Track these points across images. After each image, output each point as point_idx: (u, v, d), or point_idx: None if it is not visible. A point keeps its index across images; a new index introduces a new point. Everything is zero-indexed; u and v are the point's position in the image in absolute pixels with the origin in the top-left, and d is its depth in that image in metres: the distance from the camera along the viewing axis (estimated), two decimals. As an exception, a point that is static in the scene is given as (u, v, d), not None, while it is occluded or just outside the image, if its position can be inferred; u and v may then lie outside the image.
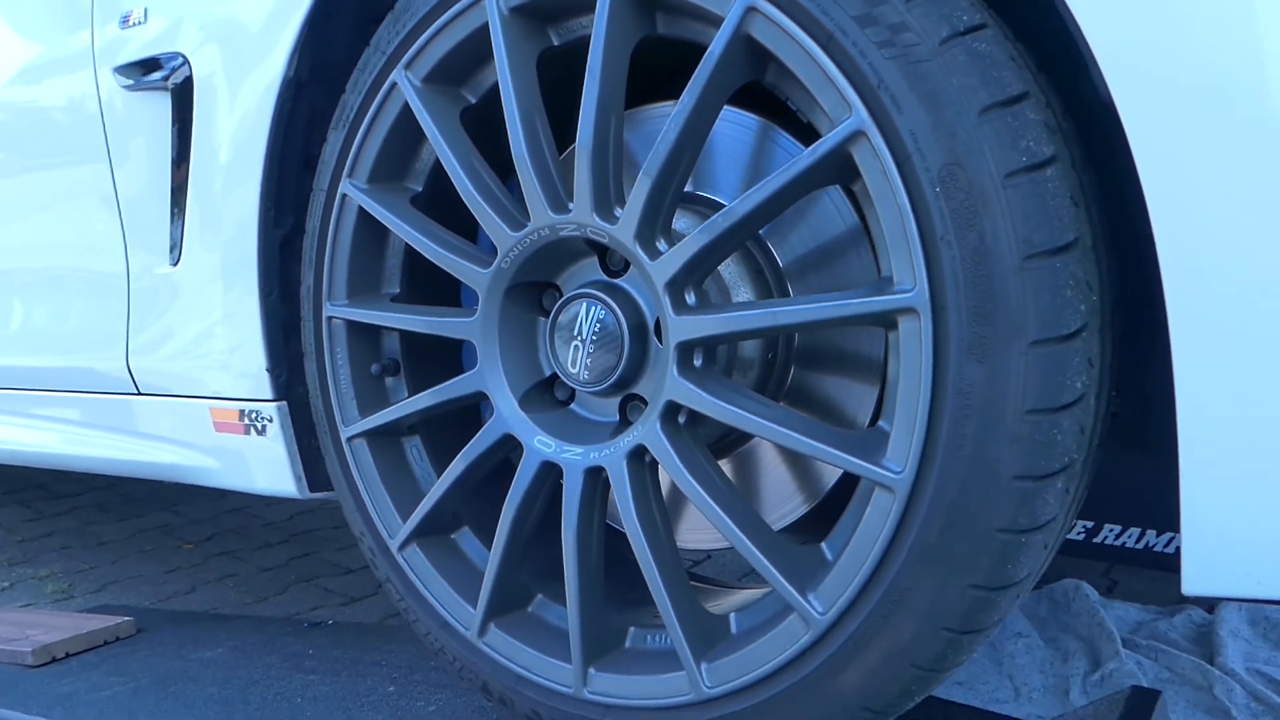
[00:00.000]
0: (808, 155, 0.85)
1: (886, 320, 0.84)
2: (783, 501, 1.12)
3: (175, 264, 1.41)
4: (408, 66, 1.11)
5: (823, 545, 0.93)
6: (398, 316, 1.16)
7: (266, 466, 1.38)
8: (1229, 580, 0.79)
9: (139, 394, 1.53)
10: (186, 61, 1.33)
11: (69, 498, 3.10)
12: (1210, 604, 2.22)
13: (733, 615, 1.00)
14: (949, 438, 0.81)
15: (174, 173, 1.38)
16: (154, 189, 1.42)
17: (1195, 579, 0.80)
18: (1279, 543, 0.76)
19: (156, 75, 1.36)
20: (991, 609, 0.85)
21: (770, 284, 1.08)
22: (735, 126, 1.09)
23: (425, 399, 1.14)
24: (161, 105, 1.37)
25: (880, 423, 0.89)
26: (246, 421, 1.38)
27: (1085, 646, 2.18)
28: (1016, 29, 0.85)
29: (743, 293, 1.07)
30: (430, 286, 1.24)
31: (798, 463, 1.11)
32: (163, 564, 2.62)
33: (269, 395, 1.35)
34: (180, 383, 1.46)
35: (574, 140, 0.97)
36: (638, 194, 0.95)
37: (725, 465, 1.13)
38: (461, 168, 1.07)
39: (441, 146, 1.08)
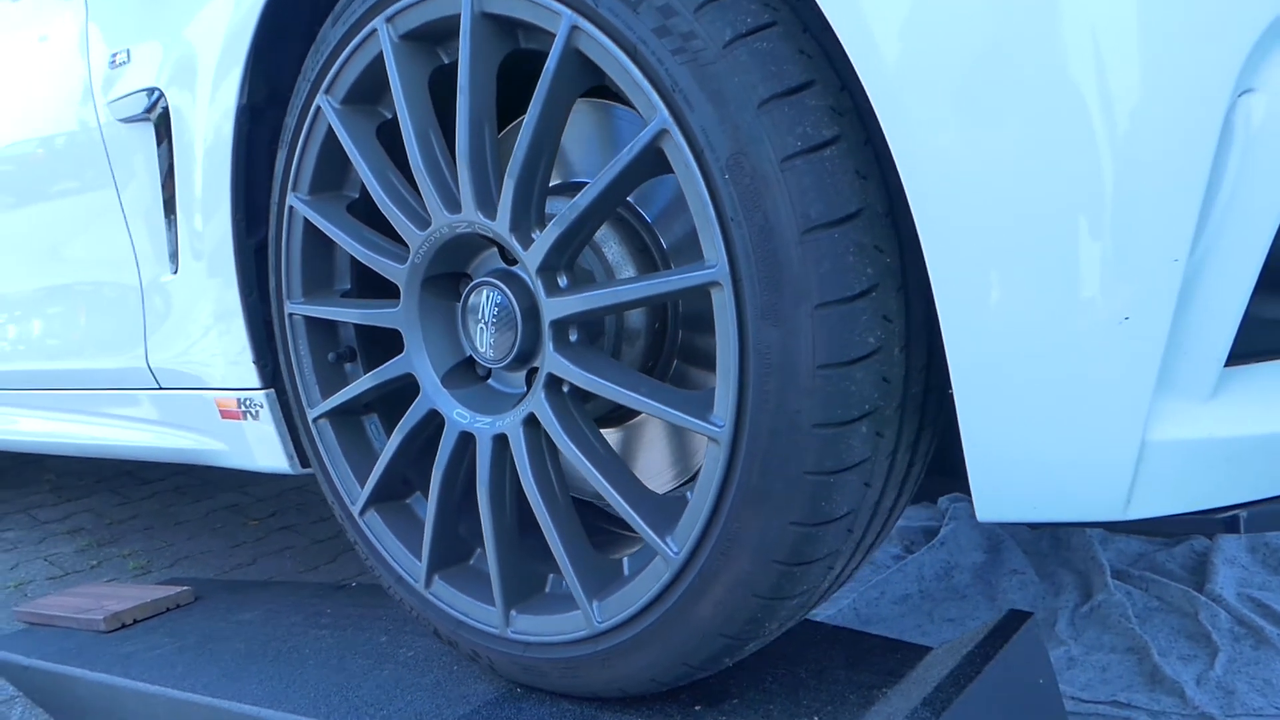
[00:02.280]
0: (626, 153, 0.96)
1: (702, 293, 0.95)
2: (676, 462, 1.24)
3: (175, 272, 1.60)
4: (327, 91, 1.25)
5: (687, 493, 1.05)
6: (338, 310, 1.31)
7: (263, 447, 1.57)
8: (1014, 506, 0.89)
9: (160, 389, 1.74)
10: (163, 95, 1.51)
11: (153, 482, 3.41)
12: (1211, 532, 2.26)
13: (625, 559, 1.13)
14: (755, 394, 0.92)
15: (164, 193, 1.56)
16: (153, 208, 1.61)
17: (985, 506, 0.89)
18: (1049, 464, 0.85)
19: (141, 109, 1.54)
20: (816, 542, 0.96)
21: (656, 262, 1.20)
22: (615, 119, 1.20)
23: (365, 382, 1.30)
24: (149, 135, 1.56)
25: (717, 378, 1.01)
26: (243, 409, 1.57)
27: (1078, 580, 2.24)
28: (814, 22, 0.94)
29: (628, 271, 1.19)
30: (379, 282, 1.40)
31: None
32: (230, 539, 2.89)
33: (258, 384, 1.53)
34: (191, 377, 1.66)
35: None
36: (505, 194, 1.07)
37: (622, 433, 1.25)
38: (375, 177, 1.21)
39: (357, 159, 1.23)
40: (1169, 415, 0.82)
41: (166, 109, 1.51)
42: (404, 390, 1.33)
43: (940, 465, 1.10)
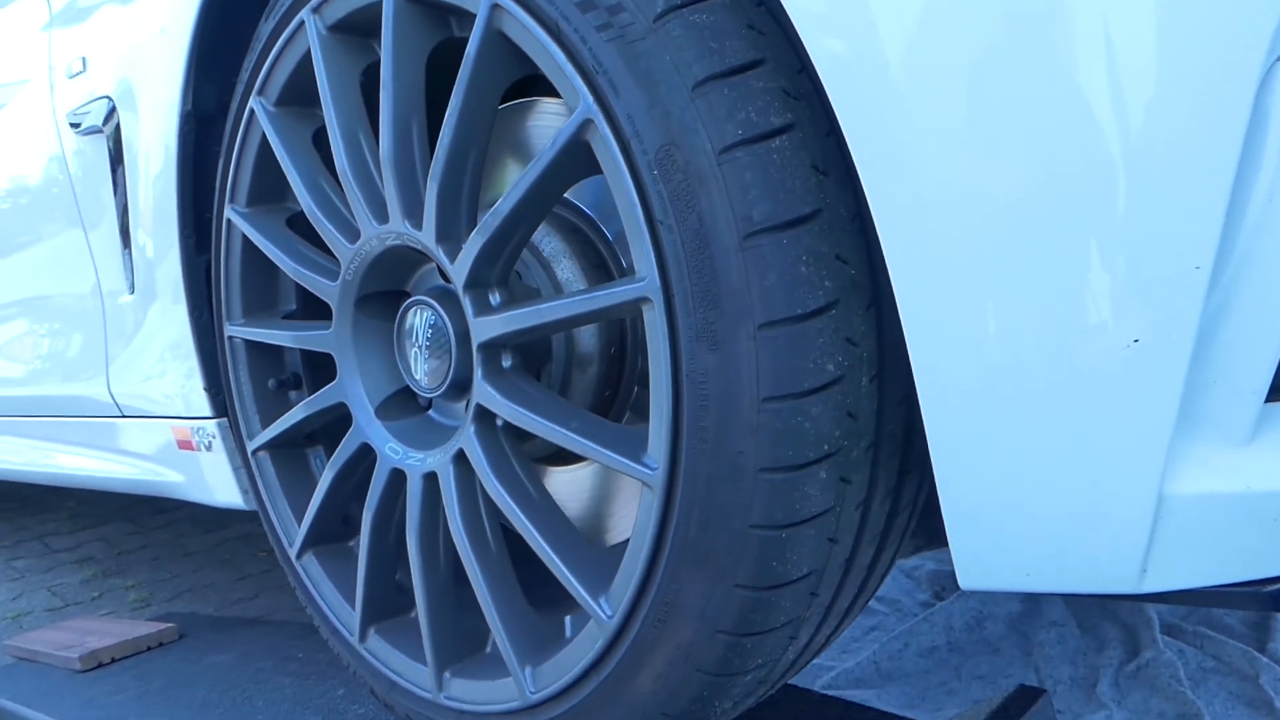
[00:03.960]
0: (549, 149, 0.83)
1: (633, 310, 0.81)
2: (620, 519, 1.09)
3: (132, 293, 1.50)
4: (260, 92, 1.14)
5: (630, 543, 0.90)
6: (273, 333, 1.20)
7: (218, 480, 1.46)
8: (1002, 572, 0.72)
9: (122, 416, 1.64)
10: (114, 105, 1.42)
11: (169, 510, 3.35)
12: (1251, 608, 2.03)
13: (568, 619, 0.98)
14: (690, 431, 0.77)
15: (117, 209, 1.47)
16: (110, 226, 1.52)
17: (968, 571, 0.73)
18: (1045, 522, 0.69)
19: (99, 121, 1.46)
20: (768, 609, 0.80)
21: (614, 276, 1.06)
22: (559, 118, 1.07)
23: (298, 412, 1.17)
24: (103, 149, 1.47)
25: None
26: (197, 439, 1.46)
27: (1124, 634, 2.02)
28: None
29: (578, 288, 1.05)
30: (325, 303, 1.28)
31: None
32: (236, 572, 2.80)
33: (210, 413, 1.42)
34: (149, 405, 1.55)
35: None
36: (429, 200, 0.95)
37: (576, 474, 1.11)
38: (303, 184, 1.10)
39: (286, 164, 1.11)
40: (1194, 462, 0.65)
41: (119, 120, 1.42)
42: (346, 421, 1.21)
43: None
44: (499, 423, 0.98)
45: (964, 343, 0.68)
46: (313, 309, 1.28)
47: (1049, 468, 0.68)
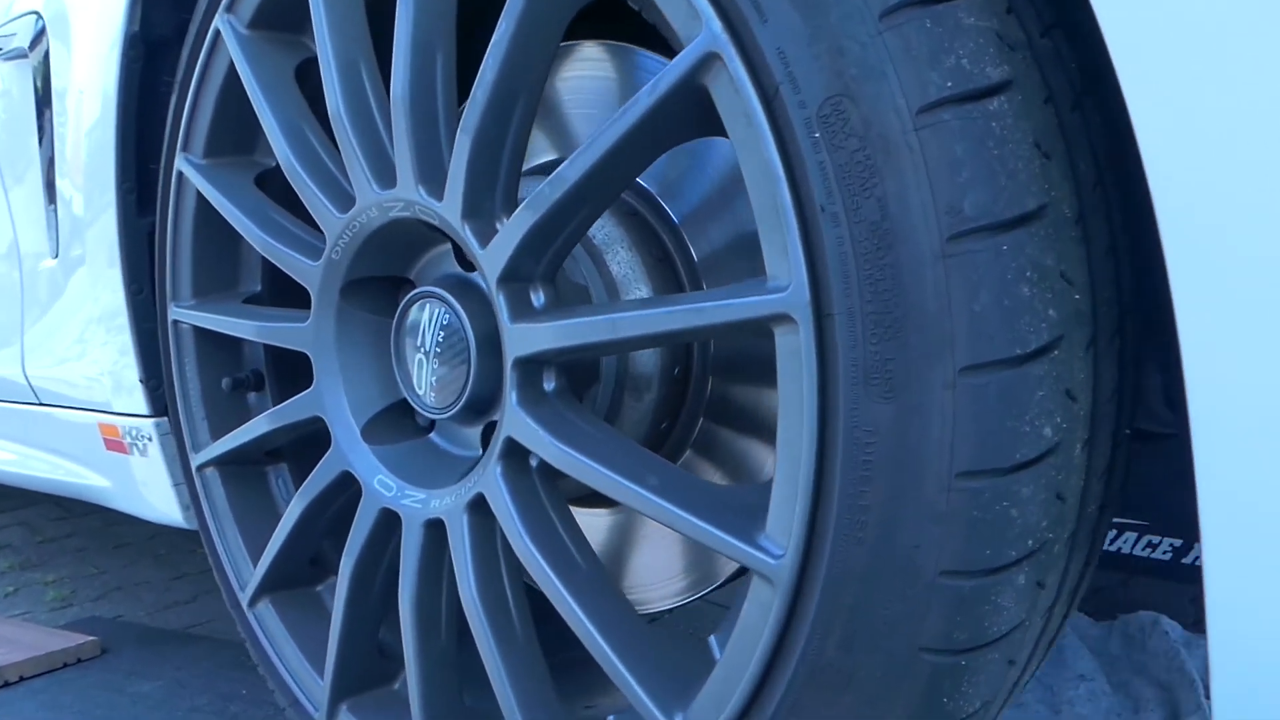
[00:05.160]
0: (646, 95, 0.59)
1: (758, 330, 0.57)
2: (687, 569, 0.86)
3: (55, 256, 1.23)
4: (229, 9, 0.88)
5: (711, 639, 0.67)
6: (233, 320, 0.94)
7: (153, 490, 1.19)
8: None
9: (39, 404, 1.37)
10: (44, 25, 1.14)
11: (98, 495, 3.04)
12: None
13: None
14: (842, 510, 0.54)
15: (42, 159, 1.19)
16: (34, 175, 1.24)
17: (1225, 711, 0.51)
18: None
19: (20, 43, 1.18)
20: (925, 757, 0.57)
21: (682, 277, 0.82)
22: (637, 70, 0.83)
23: (261, 425, 0.92)
24: (28, 78, 1.19)
25: (768, 468, 0.63)
26: (129, 440, 1.20)
27: (1162, 695, 1.83)
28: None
29: (640, 290, 0.81)
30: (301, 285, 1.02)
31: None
32: (173, 570, 2.51)
33: (146, 410, 1.15)
34: (70, 390, 1.28)
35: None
36: (458, 158, 0.70)
37: (611, 516, 0.87)
38: (281, 129, 0.84)
39: (261, 105, 0.85)
40: None
41: (48, 43, 1.14)
42: (321, 436, 0.96)
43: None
44: (533, 462, 0.74)
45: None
46: (284, 293, 1.02)
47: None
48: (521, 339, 0.70)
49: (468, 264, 0.82)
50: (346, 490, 0.87)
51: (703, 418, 0.84)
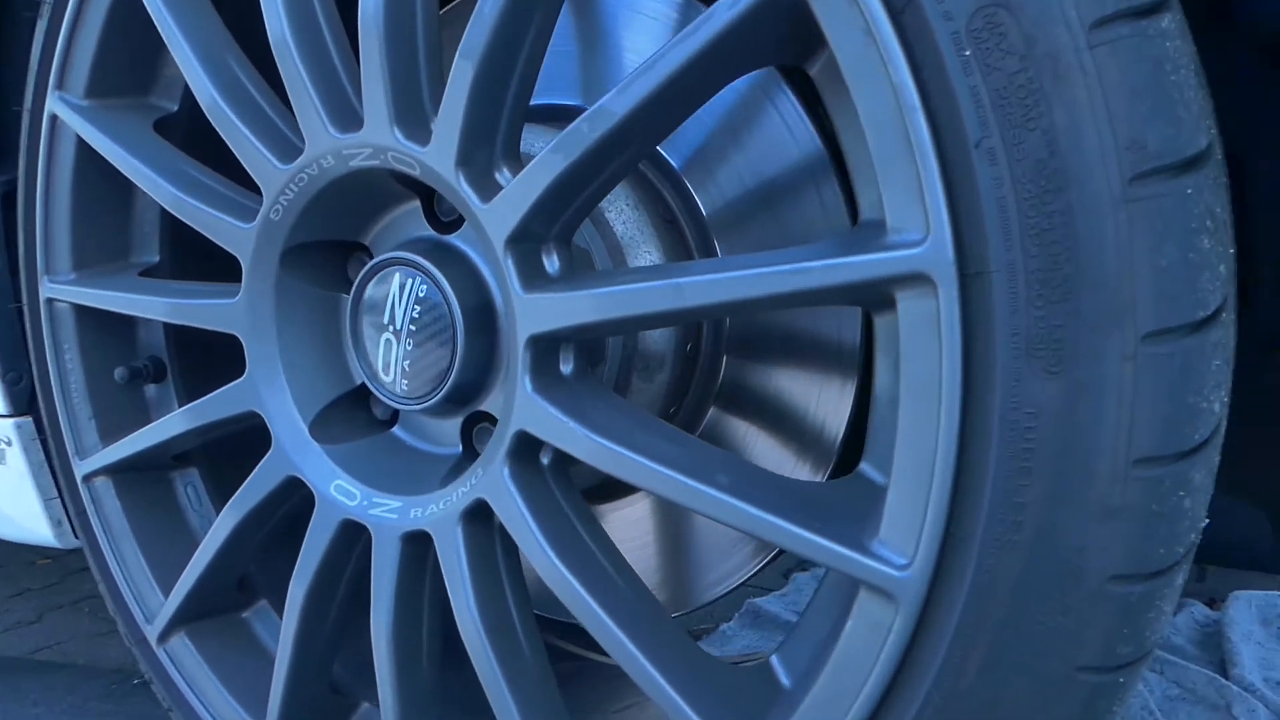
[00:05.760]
0: (726, 8, 0.47)
1: (872, 296, 0.48)
2: (715, 561, 0.76)
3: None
4: (121, -92, 0.71)
5: (773, 661, 0.57)
6: (129, 298, 0.77)
7: (14, 504, 0.99)
8: None
9: None
10: None
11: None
12: (1211, 597, 1.89)
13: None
14: (994, 509, 0.45)
15: None
16: None
17: None
18: None
19: None
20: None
21: (689, 239, 0.71)
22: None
23: (175, 424, 0.76)
24: None
25: (864, 465, 0.53)
26: (-19, 444, 0.99)
27: (1207, 680, 1.87)
28: None
29: (645, 254, 0.70)
30: (212, 251, 0.86)
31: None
32: (11, 585, 2.21)
33: (4, 410, 0.96)
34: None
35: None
36: (455, 90, 0.57)
37: (615, 512, 0.76)
38: (201, 62, 0.68)
39: (170, 29, 0.69)
40: None
41: None
42: (247, 434, 0.80)
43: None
44: (544, 459, 0.62)
45: None
46: (188, 263, 0.86)
47: None
48: (539, 312, 0.57)
49: (442, 224, 0.69)
50: (290, 499, 0.73)
51: (713, 406, 0.74)
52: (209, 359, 0.87)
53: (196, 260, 0.86)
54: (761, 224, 0.70)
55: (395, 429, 0.73)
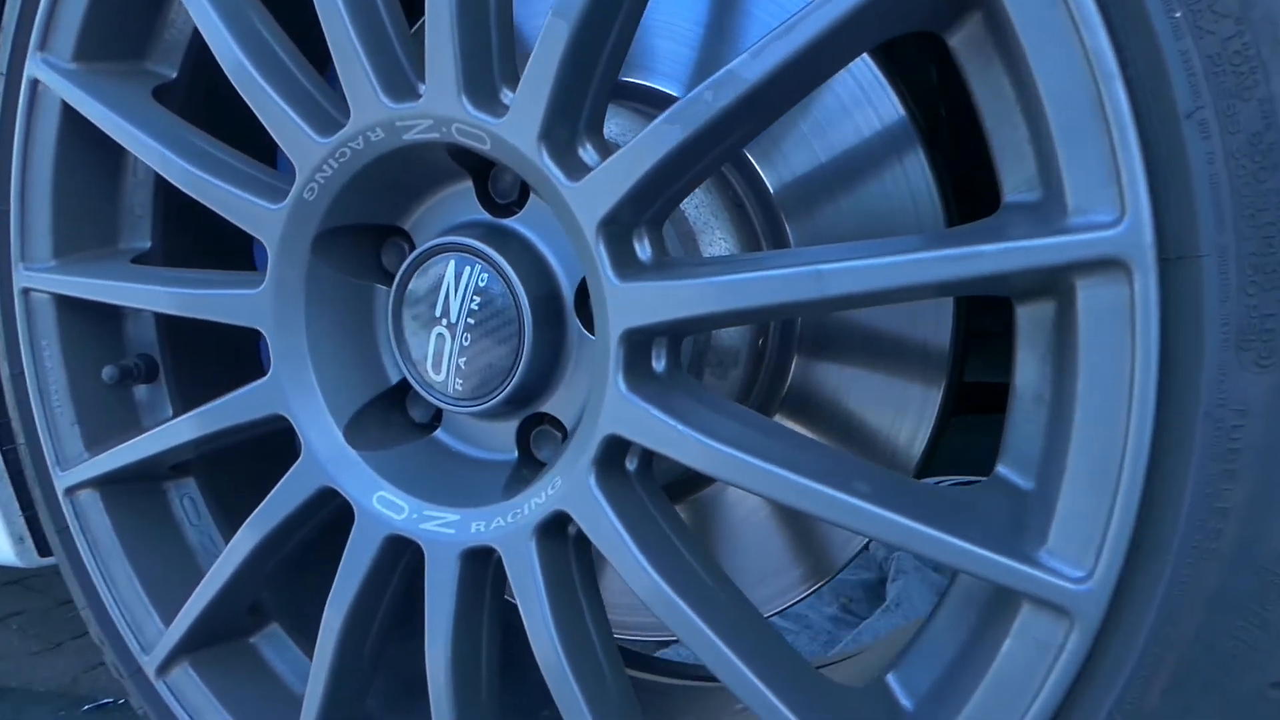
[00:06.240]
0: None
1: (1037, 283, 0.43)
2: (785, 566, 0.71)
3: None
4: None
5: (890, 680, 0.52)
6: (125, 288, 0.68)
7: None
8: None
9: None
10: None
11: None
12: None
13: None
14: (1193, 515, 0.41)
15: None
16: None
17: None
18: None
19: None
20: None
21: (755, 224, 0.66)
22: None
23: (186, 428, 0.67)
24: None
25: (1001, 469, 0.49)
26: (-71, 454, 0.88)
27: None
28: None
29: (720, 240, 0.65)
30: (213, 236, 0.78)
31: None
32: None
33: (-44, 415, 0.85)
34: None
35: None
36: (545, 54, 0.51)
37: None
38: (223, 19, 0.60)
39: (187, -16, 0.61)
40: None
41: None
42: (251, 439, 0.72)
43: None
44: (630, 466, 0.56)
45: None
46: (184, 250, 0.77)
47: None
48: (638, 303, 0.52)
49: (498, 208, 0.62)
50: (320, 513, 0.66)
51: (779, 408, 0.69)
52: (206, 355, 0.79)
53: (193, 247, 0.78)
54: (837, 204, 0.65)
55: (438, 433, 0.67)
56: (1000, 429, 0.49)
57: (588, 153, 0.54)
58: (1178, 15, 0.39)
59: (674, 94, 0.65)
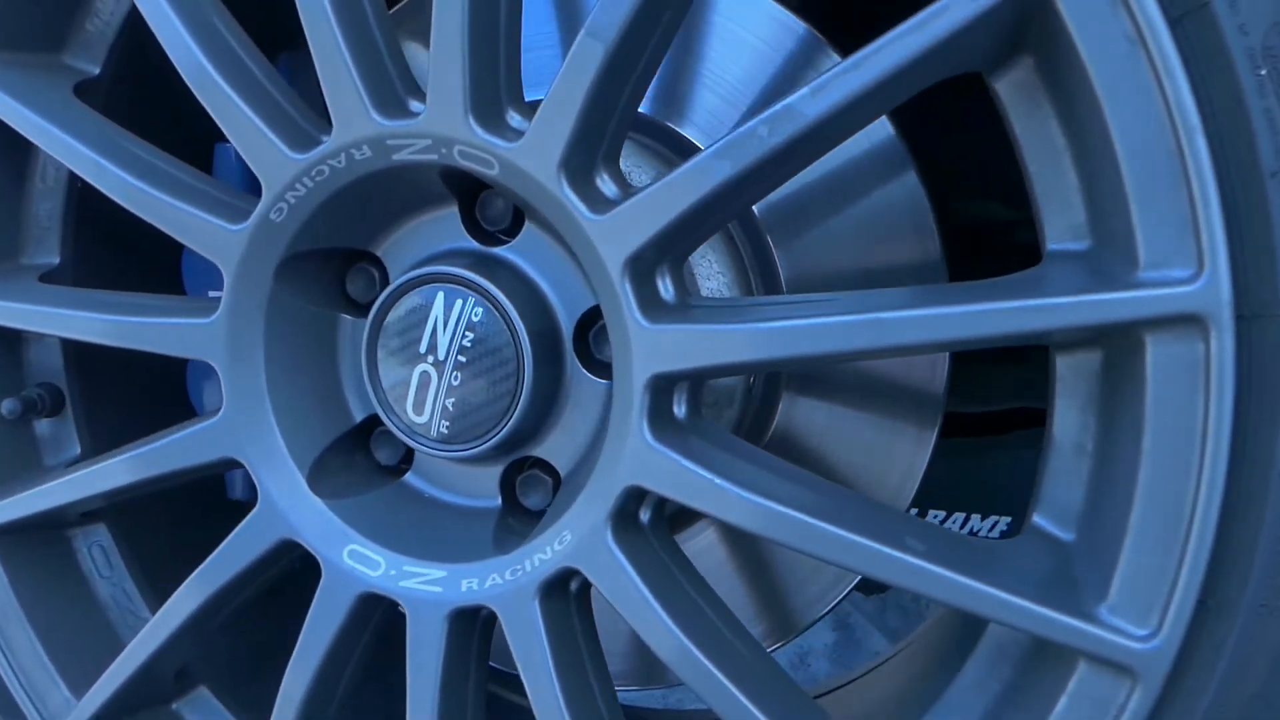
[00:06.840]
0: (966, 2, 0.41)
1: (1093, 336, 0.43)
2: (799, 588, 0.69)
3: None
4: None
5: (917, 734, 0.51)
6: (41, 312, 0.60)
7: None
8: None
9: None
10: None
11: None
12: None
13: None
14: (1264, 571, 0.41)
15: None
16: None
17: None
18: None
19: None
20: None
21: (750, 275, 0.64)
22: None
23: (117, 472, 0.59)
24: None
25: (1038, 519, 0.48)
26: None
27: None
28: None
29: (715, 272, 0.62)
30: (133, 253, 0.69)
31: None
32: None
33: None
34: None
35: None
36: (575, 76, 0.47)
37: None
38: (177, 14, 0.53)
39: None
40: None
41: None
42: (184, 488, 0.64)
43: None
44: (644, 518, 0.52)
45: None
46: (99, 265, 0.69)
47: None
48: (668, 347, 0.48)
49: (486, 235, 0.58)
50: (275, 566, 0.59)
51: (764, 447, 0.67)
52: (120, 385, 0.71)
53: (109, 263, 0.69)
54: (827, 227, 0.63)
55: (409, 476, 0.61)
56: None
57: (606, 184, 0.50)
58: (1263, 73, 0.39)
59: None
